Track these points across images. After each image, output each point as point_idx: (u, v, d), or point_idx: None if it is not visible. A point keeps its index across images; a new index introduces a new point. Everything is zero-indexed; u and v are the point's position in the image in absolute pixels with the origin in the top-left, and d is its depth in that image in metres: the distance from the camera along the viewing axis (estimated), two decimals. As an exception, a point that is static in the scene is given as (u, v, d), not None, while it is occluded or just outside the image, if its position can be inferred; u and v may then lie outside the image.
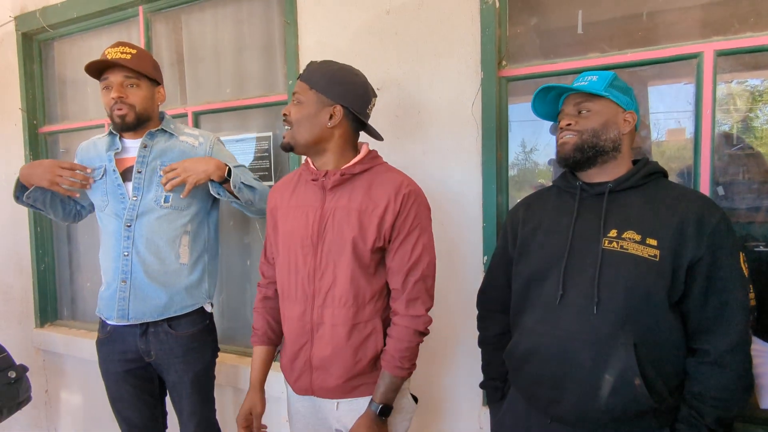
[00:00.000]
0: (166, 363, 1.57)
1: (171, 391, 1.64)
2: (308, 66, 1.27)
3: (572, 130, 1.12)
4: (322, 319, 1.24)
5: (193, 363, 1.59)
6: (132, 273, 1.52)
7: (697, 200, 1.05)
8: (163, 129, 1.59)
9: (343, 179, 1.24)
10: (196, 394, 1.62)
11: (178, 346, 1.56)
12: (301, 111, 1.22)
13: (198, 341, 1.61)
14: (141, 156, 1.55)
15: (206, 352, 1.64)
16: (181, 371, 1.58)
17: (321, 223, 1.24)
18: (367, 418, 1.22)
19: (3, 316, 2.81)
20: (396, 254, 1.22)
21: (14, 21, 2.58)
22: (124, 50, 1.50)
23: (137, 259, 1.52)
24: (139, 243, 1.52)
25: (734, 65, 1.37)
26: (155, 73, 1.58)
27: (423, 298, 1.23)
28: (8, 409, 1.96)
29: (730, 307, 1.00)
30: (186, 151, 1.58)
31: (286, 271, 1.30)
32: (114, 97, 1.48)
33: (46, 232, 2.68)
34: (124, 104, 1.50)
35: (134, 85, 1.51)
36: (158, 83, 1.61)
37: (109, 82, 1.50)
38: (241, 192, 1.51)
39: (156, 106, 1.61)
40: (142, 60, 1.53)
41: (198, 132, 1.66)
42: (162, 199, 1.54)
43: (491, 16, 1.54)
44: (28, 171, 1.58)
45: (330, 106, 1.22)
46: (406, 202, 1.21)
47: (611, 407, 1.01)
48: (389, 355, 1.22)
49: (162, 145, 1.58)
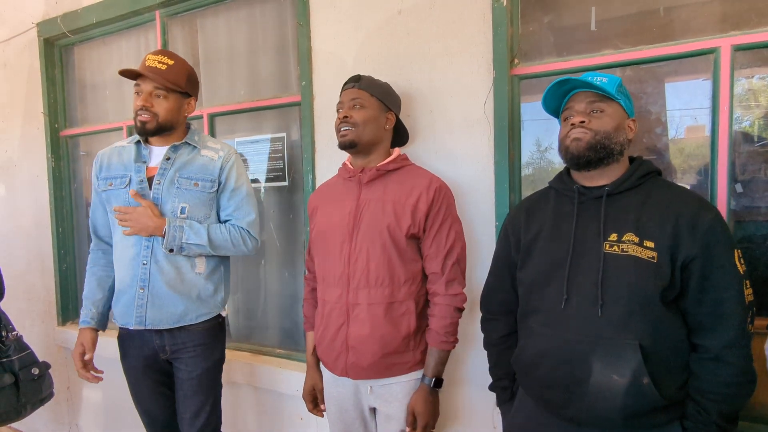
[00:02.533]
0: (178, 357, 1.61)
1: (178, 390, 1.65)
2: (360, 77, 1.46)
3: (587, 128, 1.11)
4: (357, 300, 1.37)
5: (203, 358, 1.62)
6: (150, 281, 1.56)
7: (691, 200, 1.06)
8: (187, 142, 1.62)
9: (378, 174, 1.42)
10: (203, 394, 1.63)
11: (189, 340, 1.60)
12: (368, 113, 1.41)
13: (210, 338, 1.64)
14: (162, 168, 1.57)
15: (216, 349, 1.68)
16: (191, 365, 1.61)
17: (357, 212, 1.40)
18: (423, 391, 1.37)
19: (27, 314, 2.89)
20: (433, 241, 1.38)
21: (36, 27, 2.66)
22: (162, 60, 1.54)
23: (155, 268, 1.55)
24: (158, 252, 1.55)
25: (753, 60, 1.34)
26: (187, 85, 1.61)
27: (459, 278, 1.39)
28: (32, 405, 2.02)
29: (727, 304, 1.01)
30: (206, 164, 1.61)
31: (324, 259, 1.45)
32: (140, 105, 1.53)
33: (68, 233, 2.75)
34: (148, 112, 1.53)
35: (162, 96, 1.55)
36: (189, 95, 1.64)
37: (140, 88, 1.55)
38: (185, 250, 1.55)
39: (183, 117, 1.63)
40: (176, 72, 1.56)
41: (219, 146, 1.67)
42: (179, 210, 1.56)
43: (503, 14, 1.54)
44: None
45: (387, 112, 1.46)
46: (438, 196, 1.38)
47: (621, 407, 1.02)
48: (434, 332, 1.37)
49: (184, 158, 1.60)
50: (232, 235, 1.61)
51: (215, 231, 1.59)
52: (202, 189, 1.59)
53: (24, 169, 2.82)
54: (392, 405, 1.39)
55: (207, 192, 1.60)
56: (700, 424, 1.02)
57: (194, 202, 1.58)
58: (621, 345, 1.01)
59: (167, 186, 1.56)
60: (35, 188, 2.77)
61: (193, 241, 1.54)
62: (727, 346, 1.00)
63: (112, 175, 1.62)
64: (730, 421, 1.03)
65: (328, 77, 1.87)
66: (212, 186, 1.60)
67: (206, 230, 1.57)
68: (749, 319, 1.03)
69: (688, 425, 1.04)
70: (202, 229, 1.56)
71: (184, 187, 1.57)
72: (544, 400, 1.16)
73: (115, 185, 1.60)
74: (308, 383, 1.57)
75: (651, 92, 1.47)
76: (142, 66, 1.55)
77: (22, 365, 1.98)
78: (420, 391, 1.37)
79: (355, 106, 1.41)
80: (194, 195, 1.58)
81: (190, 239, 1.54)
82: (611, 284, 1.05)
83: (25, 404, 1.98)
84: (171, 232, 1.52)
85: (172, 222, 1.53)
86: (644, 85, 1.47)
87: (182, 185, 1.57)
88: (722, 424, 1.01)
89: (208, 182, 1.60)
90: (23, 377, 1.97)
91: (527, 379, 1.20)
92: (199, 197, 1.58)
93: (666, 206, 1.06)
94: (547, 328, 1.13)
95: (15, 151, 2.86)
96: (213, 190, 1.61)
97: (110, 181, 1.61)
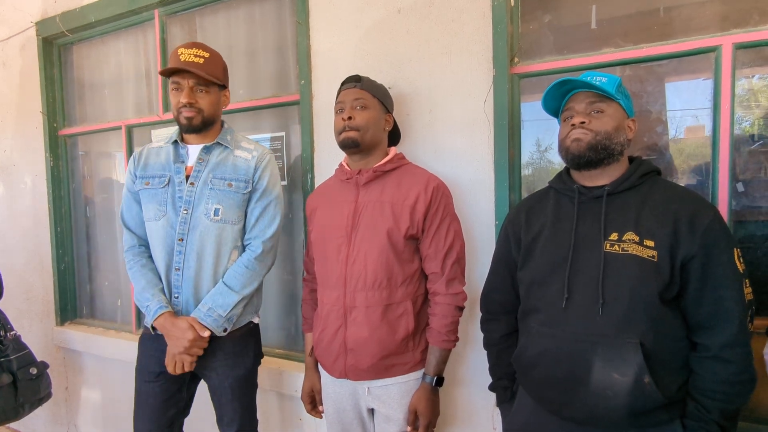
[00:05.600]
0: (207, 366, 1.56)
1: (212, 395, 1.62)
2: (359, 77, 1.45)
3: (587, 129, 1.11)
4: (354, 302, 1.36)
5: (234, 368, 1.56)
6: (183, 288, 1.52)
7: (690, 200, 1.07)
8: (219, 142, 1.57)
9: (375, 175, 1.41)
10: (237, 401, 1.58)
11: (219, 349, 1.54)
12: (371, 115, 1.41)
13: (240, 346, 1.58)
14: (196, 170, 1.54)
15: (248, 357, 1.61)
16: (222, 375, 1.56)
17: (355, 215, 1.39)
18: (425, 390, 1.37)
19: (25, 314, 2.89)
20: (432, 241, 1.37)
21: (35, 27, 2.65)
22: (198, 53, 1.49)
23: (188, 274, 1.52)
24: (190, 258, 1.51)
25: (755, 59, 1.33)
26: (224, 77, 1.59)
27: (459, 277, 1.39)
28: (30, 405, 2.01)
29: (726, 303, 1.01)
30: (240, 165, 1.56)
31: (323, 261, 1.45)
32: (184, 102, 1.48)
33: (66, 233, 2.74)
34: (193, 108, 1.49)
35: (203, 91, 1.51)
36: (225, 87, 1.61)
37: (179, 84, 1.50)
38: (233, 320, 1.51)
39: (221, 109, 1.61)
40: (214, 65, 1.53)
41: (253, 146, 1.62)
42: (212, 212, 1.51)
43: (503, 12, 1.53)
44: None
45: (386, 114, 1.47)
46: (435, 195, 1.37)
47: (622, 406, 1.02)
48: (436, 332, 1.36)
49: (216, 158, 1.56)
50: (249, 266, 1.54)
51: (232, 278, 1.52)
52: (236, 189, 1.54)
53: (22, 169, 2.81)
54: (390, 406, 1.39)
55: (241, 193, 1.54)
56: (700, 423, 1.02)
57: (228, 203, 1.52)
58: (622, 344, 1.01)
59: (201, 187, 1.52)
60: (34, 188, 2.77)
61: (226, 305, 1.48)
62: (727, 344, 1.00)
63: (149, 174, 1.58)
64: (731, 420, 1.03)
65: (327, 76, 1.86)
66: (246, 186, 1.55)
67: (224, 286, 1.51)
68: (749, 318, 1.03)
69: (688, 423, 1.04)
70: (221, 289, 1.50)
71: (218, 187, 1.52)
72: (544, 399, 1.15)
73: (153, 185, 1.56)
74: (307, 384, 1.56)
75: (652, 91, 1.46)
76: (176, 61, 1.48)
77: (20, 365, 1.98)
78: (421, 389, 1.37)
79: (357, 107, 1.40)
80: (228, 196, 1.52)
81: (224, 307, 1.48)
82: (612, 283, 1.05)
83: (23, 404, 1.98)
84: (206, 320, 1.47)
85: (197, 314, 1.47)
86: (645, 84, 1.46)
87: (216, 186, 1.52)
88: (722, 422, 1.02)
89: (242, 182, 1.54)
90: (21, 377, 1.96)
91: (527, 379, 1.19)
92: (233, 198, 1.53)
93: (666, 205, 1.06)
94: (547, 328, 1.12)
95: (13, 150, 2.85)
96: (247, 191, 1.55)
97: (147, 180, 1.57)
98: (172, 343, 1.46)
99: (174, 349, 1.46)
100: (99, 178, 2.72)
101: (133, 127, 2.48)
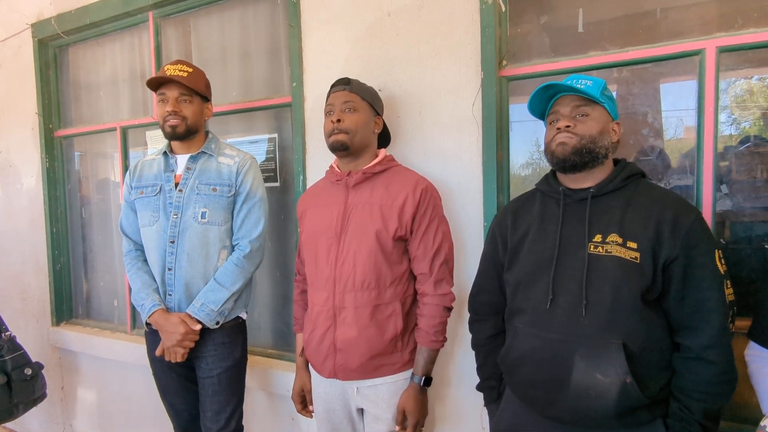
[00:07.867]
0: (198, 355, 1.64)
1: (200, 388, 1.69)
2: (349, 80, 1.45)
3: (572, 132, 1.12)
4: (343, 303, 1.38)
5: (223, 358, 1.65)
6: (176, 287, 1.63)
7: (672, 202, 1.08)
8: (204, 151, 1.69)
9: (365, 177, 1.43)
10: (222, 394, 1.66)
11: (210, 339, 1.64)
12: (360, 118, 1.42)
13: (229, 338, 1.67)
14: (185, 177, 1.66)
15: (236, 349, 1.70)
16: (211, 364, 1.64)
17: (344, 216, 1.41)
18: (413, 389, 1.38)
19: (21, 314, 2.90)
20: (421, 242, 1.38)
21: (31, 28, 2.66)
22: (182, 68, 1.64)
23: (180, 273, 1.62)
24: (181, 258, 1.62)
25: (738, 62, 1.35)
26: (206, 90, 1.72)
27: (447, 278, 1.40)
28: (24, 405, 2.02)
29: (708, 304, 1.02)
30: (222, 171, 1.67)
31: (313, 262, 1.46)
32: (169, 110, 1.61)
33: (62, 233, 2.75)
34: (177, 116, 1.62)
35: (187, 101, 1.64)
36: (207, 99, 1.73)
37: (165, 96, 1.63)
38: (225, 313, 1.63)
39: (204, 120, 1.72)
40: (197, 78, 1.67)
41: (235, 153, 1.73)
42: (199, 215, 1.63)
43: (491, 15, 1.54)
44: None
45: (375, 116, 1.48)
46: (424, 197, 1.38)
47: (605, 406, 1.03)
48: (424, 332, 1.38)
49: (202, 166, 1.68)
50: (239, 264, 1.64)
51: (223, 276, 1.63)
52: (221, 193, 1.65)
53: (18, 170, 2.83)
54: (379, 406, 1.40)
55: (225, 196, 1.65)
56: (683, 423, 1.04)
57: (213, 207, 1.64)
58: (604, 344, 1.03)
59: (188, 193, 1.64)
60: (29, 188, 2.78)
61: (218, 300, 1.59)
62: (709, 345, 1.01)
63: (143, 185, 1.71)
64: (713, 420, 1.04)
65: (318, 78, 1.87)
66: (230, 190, 1.66)
67: (215, 283, 1.62)
68: (730, 319, 1.04)
69: (671, 423, 1.06)
70: (213, 286, 1.61)
71: (204, 192, 1.64)
72: (529, 399, 1.17)
73: (146, 193, 1.69)
74: (297, 384, 1.58)
75: (638, 94, 1.47)
76: (162, 76, 1.61)
77: (14, 365, 1.99)
78: (410, 389, 1.39)
79: (346, 110, 1.42)
80: (213, 199, 1.64)
81: (215, 302, 1.59)
82: (595, 285, 1.06)
83: (18, 404, 1.99)
84: (199, 315, 1.58)
85: (191, 310, 1.59)
86: (631, 86, 1.48)
87: (202, 191, 1.64)
88: (705, 422, 1.03)
89: (225, 186, 1.65)
90: (16, 377, 1.98)
91: (513, 379, 1.21)
92: (218, 201, 1.64)
93: (649, 208, 1.08)
94: (532, 328, 1.14)
95: (9, 151, 2.86)
96: (230, 194, 1.66)
97: (141, 189, 1.71)
98: (166, 337, 1.58)
99: (167, 342, 1.58)
100: (95, 179, 2.73)
101: (127, 128, 2.50)
